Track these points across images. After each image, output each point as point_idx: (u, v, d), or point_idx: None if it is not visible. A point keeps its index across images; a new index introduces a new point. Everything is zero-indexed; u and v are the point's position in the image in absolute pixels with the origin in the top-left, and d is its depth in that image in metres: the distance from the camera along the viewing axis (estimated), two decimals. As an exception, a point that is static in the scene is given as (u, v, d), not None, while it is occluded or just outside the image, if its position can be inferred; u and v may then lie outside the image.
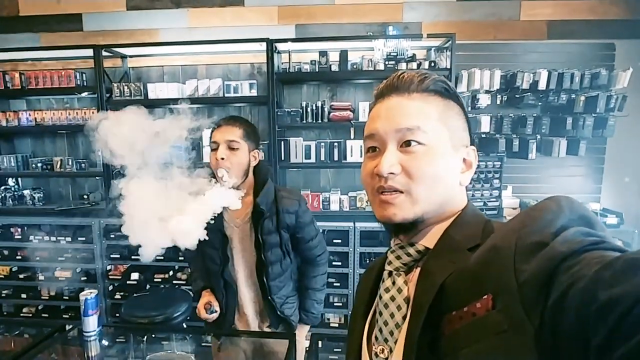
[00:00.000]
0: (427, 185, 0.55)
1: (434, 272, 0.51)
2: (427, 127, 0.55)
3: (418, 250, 0.57)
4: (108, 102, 2.73)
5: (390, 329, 0.55)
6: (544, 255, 0.38)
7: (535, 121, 2.65)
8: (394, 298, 0.56)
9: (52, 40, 3.03)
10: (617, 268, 0.33)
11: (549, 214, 0.42)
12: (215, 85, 2.70)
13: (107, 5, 2.98)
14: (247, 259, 1.46)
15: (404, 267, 0.58)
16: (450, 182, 0.57)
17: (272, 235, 1.43)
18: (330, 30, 2.89)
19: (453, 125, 0.58)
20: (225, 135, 1.34)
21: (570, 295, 0.34)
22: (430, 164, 0.55)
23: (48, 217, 2.82)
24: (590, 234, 0.40)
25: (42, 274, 2.86)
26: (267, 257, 1.42)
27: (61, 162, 2.85)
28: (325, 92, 2.95)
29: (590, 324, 0.32)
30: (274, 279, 1.45)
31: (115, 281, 2.80)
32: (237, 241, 1.45)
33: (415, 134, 0.55)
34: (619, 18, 2.76)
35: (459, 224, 0.56)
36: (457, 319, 0.45)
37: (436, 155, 0.55)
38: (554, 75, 2.57)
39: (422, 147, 0.55)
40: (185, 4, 2.96)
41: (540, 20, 2.82)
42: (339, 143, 2.68)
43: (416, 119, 0.55)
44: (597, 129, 2.62)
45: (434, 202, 0.56)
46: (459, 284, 0.47)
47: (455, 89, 0.61)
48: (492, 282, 0.42)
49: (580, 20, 2.79)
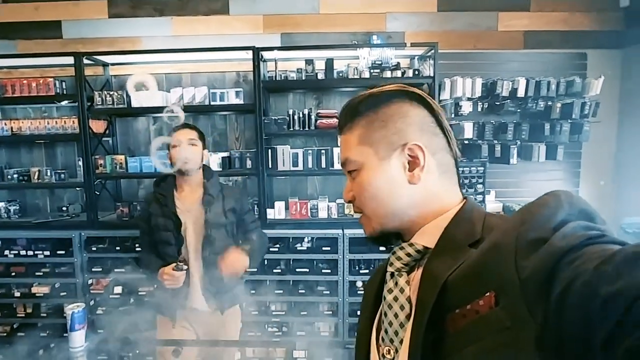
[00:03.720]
0: (369, 203, 0.61)
1: (436, 271, 0.51)
2: (351, 155, 0.62)
3: (417, 250, 0.58)
4: (89, 110, 2.66)
5: (395, 329, 0.56)
6: (544, 252, 0.39)
7: (516, 127, 2.74)
8: (397, 298, 0.57)
9: (30, 47, 2.94)
10: (617, 262, 0.33)
11: (548, 209, 0.42)
12: (201, 93, 2.68)
13: (88, 12, 2.92)
14: (197, 237, 1.75)
15: (405, 268, 0.59)
16: (392, 191, 0.59)
17: (219, 216, 1.76)
18: (315, 39, 2.92)
19: (379, 135, 0.60)
20: (186, 135, 1.73)
21: (572, 291, 0.35)
22: (363, 185, 0.61)
23: (25, 231, 2.71)
24: (590, 227, 0.40)
25: (17, 290, 2.73)
26: (212, 234, 1.73)
27: (39, 172, 2.75)
28: (311, 100, 2.97)
29: (593, 319, 0.32)
30: (216, 254, 1.69)
31: (97, 295, 2.70)
32: (190, 223, 1.75)
33: (348, 165, 0.63)
34: (590, 29, 2.91)
35: (458, 221, 0.57)
36: (461, 317, 0.45)
37: (366, 175, 0.60)
38: (531, 83, 2.67)
39: (357, 172, 0.62)
40: (169, 12, 2.93)
41: (517, 30, 2.93)
42: (326, 150, 2.69)
43: (345, 152, 0.64)
44: (573, 134, 2.73)
45: (385, 214, 0.60)
46: (462, 282, 0.47)
47: (403, 89, 0.62)
48: (494, 280, 0.43)
49: (555, 31, 2.92)
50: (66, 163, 3.02)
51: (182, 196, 1.78)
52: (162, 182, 1.84)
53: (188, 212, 1.76)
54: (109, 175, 2.75)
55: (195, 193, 1.79)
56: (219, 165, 2.72)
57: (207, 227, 1.73)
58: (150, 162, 2.70)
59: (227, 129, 3.01)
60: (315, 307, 2.70)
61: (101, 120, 2.85)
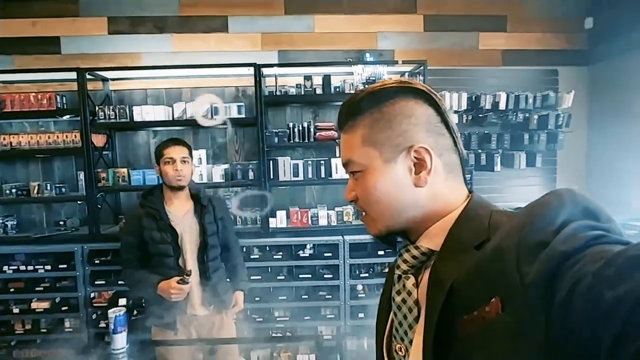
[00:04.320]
0: (373, 205, 0.60)
1: (442, 275, 0.51)
2: (354, 156, 0.60)
3: (423, 252, 0.58)
4: (92, 124, 2.70)
5: (405, 329, 0.58)
6: (545, 256, 0.38)
7: (499, 137, 2.98)
8: (405, 301, 0.58)
9: (27, 63, 2.95)
10: (619, 265, 0.33)
11: (550, 210, 0.42)
12: (203, 107, 2.77)
13: (87, 29, 2.98)
14: (193, 245, 1.86)
15: (411, 270, 0.59)
16: (398, 194, 0.58)
17: (211, 225, 1.89)
18: (310, 56, 3.08)
19: (383, 136, 0.58)
20: (179, 153, 1.83)
21: (576, 295, 0.34)
22: (367, 187, 0.59)
23: (25, 246, 2.69)
24: (593, 227, 0.40)
25: (16, 307, 2.69)
26: (208, 241, 1.85)
27: (39, 187, 2.75)
28: (308, 114, 3.12)
29: (598, 324, 0.32)
30: (212, 260, 1.87)
31: (99, 309, 2.70)
32: (185, 233, 1.85)
33: (350, 166, 0.62)
34: (560, 48, 3.21)
35: (463, 222, 0.56)
36: (469, 323, 0.45)
37: (371, 177, 0.59)
38: (511, 97, 2.92)
39: (360, 174, 0.60)
40: (169, 29, 3.03)
41: (495, 49, 3.20)
42: (325, 161, 2.83)
43: (347, 153, 0.62)
44: (549, 143, 3.00)
45: (389, 216, 0.59)
46: (468, 287, 0.47)
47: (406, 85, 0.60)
48: (498, 285, 0.43)
49: (529, 50, 3.20)
50: (63, 177, 3.02)
51: (172, 208, 1.87)
52: (149, 196, 1.88)
53: (181, 223, 1.85)
54: (111, 188, 2.79)
55: (185, 204, 1.90)
56: (221, 177, 2.82)
57: (203, 236, 1.85)
58: (153, 175, 2.76)
59: (227, 141, 3.10)
60: (317, 311, 2.80)
61: (100, 134, 2.89)
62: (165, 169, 1.81)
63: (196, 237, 1.86)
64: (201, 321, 1.89)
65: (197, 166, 2.78)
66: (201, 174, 2.80)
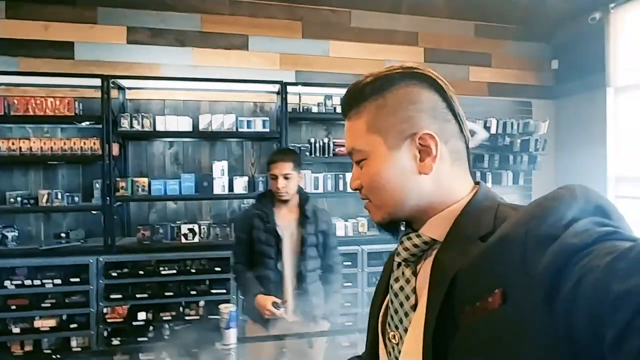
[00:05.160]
0: (377, 192, 0.58)
1: (446, 265, 0.50)
2: (359, 144, 0.59)
3: (424, 241, 0.56)
4: (114, 132, 2.64)
5: (400, 317, 0.57)
6: (555, 248, 0.38)
7: (490, 158, 3.39)
8: (403, 288, 0.57)
9: (35, 66, 2.81)
10: (630, 259, 0.32)
11: (561, 204, 0.41)
12: (229, 120, 2.84)
13: (105, 36, 2.93)
14: (292, 252, 1.92)
15: (412, 258, 0.58)
16: (402, 182, 0.57)
17: (312, 236, 1.93)
18: (324, 77, 3.29)
19: (387, 123, 0.57)
20: (281, 170, 1.87)
21: (583, 287, 0.34)
22: (371, 175, 0.58)
23: (30, 259, 2.50)
24: (604, 224, 0.40)
25: (16, 326, 2.46)
26: (306, 251, 1.90)
27: (48, 195, 2.60)
28: (322, 131, 3.30)
29: (604, 317, 0.32)
30: (311, 271, 1.92)
31: (114, 324, 2.56)
32: (287, 239, 1.92)
33: (355, 154, 0.60)
34: (533, 84, 3.76)
35: (469, 212, 0.55)
36: (471, 314, 0.45)
37: (375, 164, 0.58)
38: (500, 122, 3.37)
39: (365, 161, 0.59)
40: (190, 43, 3.08)
41: (482, 81, 3.67)
42: (343, 175, 3.02)
43: (351, 141, 0.61)
44: (530, 164, 3.47)
45: (393, 203, 0.58)
46: (471, 277, 0.47)
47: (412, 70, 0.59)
48: (503, 276, 0.42)
49: (509, 84, 3.71)
50: (68, 186, 2.87)
51: (280, 214, 1.95)
52: (264, 199, 2.00)
53: (285, 230, 1.92)
54: (129, 198, 2.71)
55: (292, 213, 1.97)
56: (244, 188, 2.87)
57: (302, 245, 1.90)
58: (175, 185, 2.74)
59: (244, 154, 3.17)
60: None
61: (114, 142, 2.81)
62: (271, 182, 1.91)
63: (296, 246, 1.91)
64: (290, 326, 1.88)
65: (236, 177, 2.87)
66: (223, 185, 2.84)
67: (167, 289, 2.65)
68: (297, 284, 1.89)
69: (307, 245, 1.90)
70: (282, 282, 1.88)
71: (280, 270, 1.87)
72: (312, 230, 1.93)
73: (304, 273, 1.88)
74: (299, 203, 1.98)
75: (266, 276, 1.85)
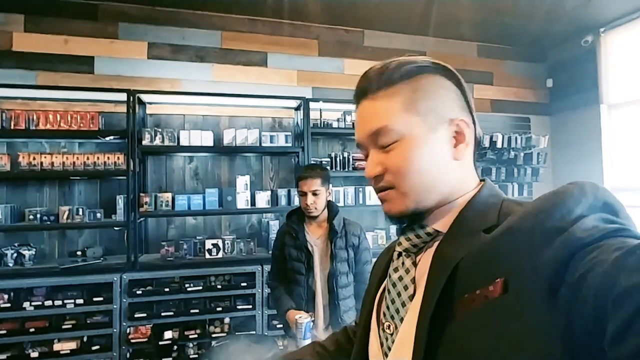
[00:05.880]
0: (409, 178, 0.54)
1: (448, 254, 0.50)
2: (393, 123, 0.55)
3: (428, 233, 0.56)
4: (139, 147, 2.61)
5: (397, 307, 0.56)
6: (562, 241, 0.38)
7: (497, 171, 3.55)
8: (402, 278, 0.57)
9: (54, 80, 2.77)
10: (637, 256, 0.32)
11: (570, 199, 0.41)
12: (252, 135, 2.87)
13: (125, 51, 2.92)
14: (323, 268, 1.89)
15: (413, 249, 0.57)
16: (436, 166, 0.55)
17: (342, 251, 1.90)
18: (339, 93, 3.39)
19: (425, 105, 0.55)
20: (310, 186, 1.86)
21: (589, 280, 0.34)
22: (406, 157, 0.54)
23: (48, 278, 2.40)
24: (612, 221, 0.40)
25: (34, 350, 2.34)
26: (337, 267, 1.87)
27: (69, 212, 2.52)
28: (338, 145, 3.38)
29: (607, 312, 0.32)
30: (342, 287, 1.87)
31: (137, 345, 2.47)
32: (317, 255, 1.91)
33: (385, 134, 0.55)
34: (531, 101, 4.00)
35: (474, 205, 0.54)
36: (470, 302, 0.44)
37: (410, 147, 0.54)
38: (505, 137, 3.54)
39: (397, 144, 0.55)
40: (210, 59, 3.11)
41: (486, 98, 3.87)
42: (363, 188, 3.08)
43: (382, 119, 0.55)
44: (533, 176, 3.65)
45: (424, 191, 0.55)
46: (473, 267, 0.46)
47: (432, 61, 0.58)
48: (506, 266, 0.42)
49: (509, 101, 3.93)
50: (86, 202, 2.79)
51: (310, 230, 1.95)
52: (293, 215, 1.99)
53: (315, 245, 1.92)
54: (153, 214, 2.67)
55: (321, 227, 1.96)
56: (266, 202, 2.88)
57: (332, 261, 1.87)
58: (199, 200, 2.72)
59: (262, 169, 3.18)
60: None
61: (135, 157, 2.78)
62: (300, 199, 1.92)
63: (326, 262, 1.89)
64: None
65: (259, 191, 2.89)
66: (247, 200, 2.83)
67: (192, 306, 2.59)
68: (328, 300, 1.87)
69: (337, 261, 1.87)
70: (313, 298, 1.87)
71: (311, 286, 1.87)
72: (342, 245, 1.90)
73: (335, 289, 1.85)
74: (328, 218, 1.96)
75: (297, 292, 1.86)
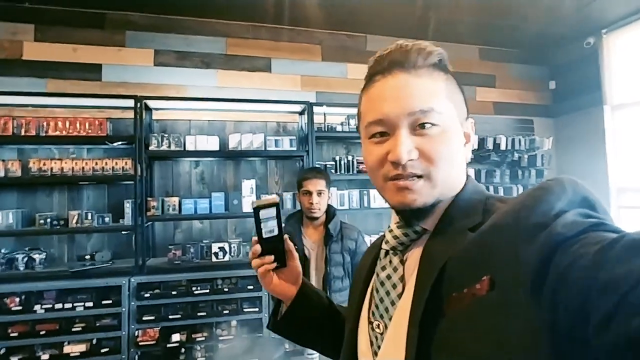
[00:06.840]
0: (445, 167, 0.52)
1: (435, 254, 0.50)
2: (439, 107, 0.52)
3: (415, 231, 0.56)
4: (146, 152, 2.66)
5: (386, 306, 0.56)
6: (544, 236, 0.39)
7: (501, 173, 3.56)
8: (390, 277, 0.56)
9: (62, 87, 2.83)
10: (618, 248, 0.33)
11: (551, 195, 0.42)
12: (258, 140, 2.90)
13: (132, 59, 2.98)
14: (318, 273, 1.90)
15: (400, 247, 0.57)
16: (460, 160, 0.56)
17: (337, 255, 1.91)
18: (343, 97, 3.42)
19: (456, 100, 0.56)
20: (315, 186, 1.91)
21: (571, 275, 0.35)
22: (446, 145, 0.52)
23: (58, 281, 2.44)
24: (591, 215, 0.41)
25: (44, 353, 2.38)
26: (332, 271, 1.87)
27: (78, 216, 2.57)
28: (342, 149, 3.40)
29: (590, 303, 0.32)
30: (336, 292, 1.87)
31: (145, 347, 2.50)
32: (313, 259, 1.93)
33: (429, 116, 0.52)
34: (534, 103, 4.01)
35: (459, 203, 0.54)
36: (458, 301, 0.45)
37: (450, 135, 0.53)
38: (509, 140, 3.56)
39: (437, 128, 0.52)
40: (215, 65, 3.16)
41: (488, 101, 3.88)
42: (367, 191, 3.11)
43: (429, 100, 0.52)
44: (537, 178, 3.65)
45: (451, 182, 0.55)
46: (460, 266, 0.47)
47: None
48: (491, 263, 0.43)
49: (512, 103, 3.95)
50: (94, 206, 2.84)
51: (307, 233, 1.96)
52: (292, 219, 2.01)
53: (312, 249, 1.93)
54: (161, 218, 2.70)
55: (318, 231, 1.96)
56: (272, 205, 2.90)
57: (328, 265, 1.88)
58: (205, 204, 2.76)
59: (267, 173, 3.22)
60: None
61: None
62: (302, 199, 1.91)
63: (322, 266, 1.89)
64: None
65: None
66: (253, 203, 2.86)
67: (200, 309, 2.62)
68: None
69: (332, 265, 1.87)
70: None
71: None
72: (338, 248, 1.90)
73: (329, 293, 1.83)
74: (325, 222, 1.97)
75: None
